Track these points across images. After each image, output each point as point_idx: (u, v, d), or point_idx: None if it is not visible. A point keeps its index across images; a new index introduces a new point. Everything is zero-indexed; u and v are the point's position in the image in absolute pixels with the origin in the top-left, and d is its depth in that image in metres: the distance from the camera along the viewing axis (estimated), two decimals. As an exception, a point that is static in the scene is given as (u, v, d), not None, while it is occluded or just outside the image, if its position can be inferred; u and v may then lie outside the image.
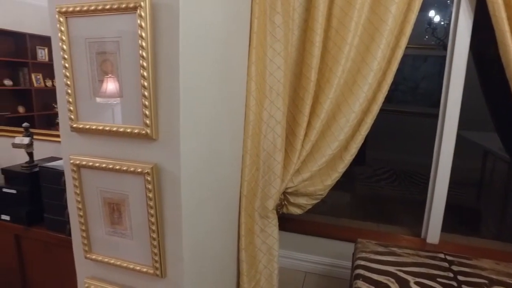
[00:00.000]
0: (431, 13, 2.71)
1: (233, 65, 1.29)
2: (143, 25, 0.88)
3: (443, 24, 2.70)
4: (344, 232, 1.82)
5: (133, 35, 0.90)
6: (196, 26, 0.97)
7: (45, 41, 2.69)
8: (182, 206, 1.01)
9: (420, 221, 1.71)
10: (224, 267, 1.45)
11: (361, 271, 1.24)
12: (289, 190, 1.56)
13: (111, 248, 1.11)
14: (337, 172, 1.50)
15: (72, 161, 1.06)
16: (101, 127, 1.00)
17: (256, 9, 1.37)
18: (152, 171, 0.97)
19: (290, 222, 1.85)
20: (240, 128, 1.45)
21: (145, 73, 0.91)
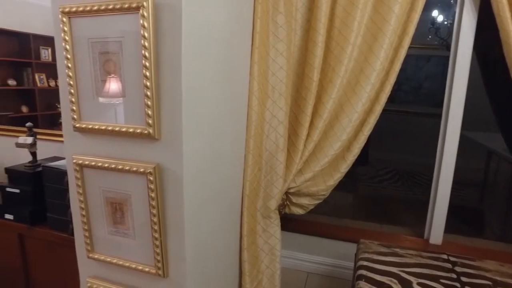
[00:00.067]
0: (435, 13, 2.70)
1: (236, 65, 1.29)
2: (146, 25, 0.88)
3: (447, 24, 2.69)
4: (347, 233, 1.81)
5: (135, 35, 0.90)
6: (198, 26, 0.98)
7: (49, 41, 2.70)
8: (185, 206, 1.01)
9: (423, 222, 1.71)
10: (226, 267, 1.45)
11: (364, 272, 1.24)
12: (292, 190, 1.56)
13: (114, 248, 1.12)
14: (340, 172, 1.50)
15: (75, 160, 1.06)
16: (104, 127, 1.00)
17: (258, 9, 1.37)
18: (155, 171, 0.97)
19: (293, 222, 1.85)
20: (243, 128, 1.45)
21: (148, 73, 0.91)
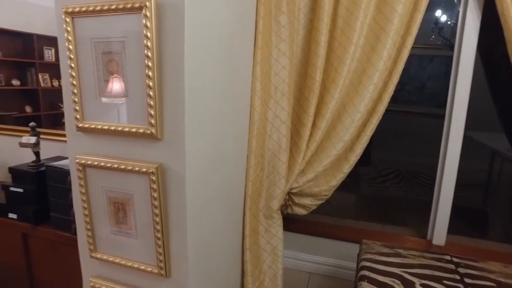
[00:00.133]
0: (438, 13, 2.68)
1: (238, 65, 1.29)
2: (149, 25, 0.88)
3: (450, 23, 2.67)
4: (349, 233, 1.81)
5: (138, 35, 0.91)
6: (201, 26, 0.98)
7: (52, 42, 2.72)
8: (187, 206, 1.01)
9: (426, 222, 1.70)
10: (228, 267, 1.45)
11: (366, 272, 1.23)
12: (294, 191, 1.55)
13: (116, 248, 1.12)
14: (342, 172, 1.49)
15: (77, 160, 1.07)
16: (107, 127, 1.00)
17: (261, 9, 1.37)
18: (157, 170, 0.97)
19: (295, 223, 1.84)
20: (245, 128, 1.45)
21: (150, 73, 0.91)
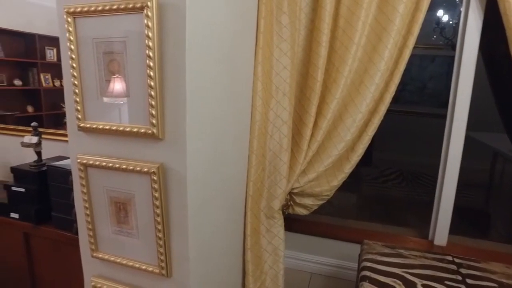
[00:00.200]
0: (440, 13, 2.68)
1: (239, 65, 1.29)
2: (150, 25, 0.88)
3: (452, 23, 2.67)
4: (350, 233, 1.80)
5: (139, 35, 0.91)
6: (202, 26, 0.98)
7: (54, 42, 2.72)
8: (188, 205, 1.01)
9: (427, 223, 1.69)
10: (229, 267, 1.45)
11: (367, 273, 1.23)
12: (295, 191, 1.55)
13: (117, 247, 1.12)
14: (344, 172, 1.49)
15: (79, 160, 1.07)
16: (108, 127, 1.01)
17: (262, 9, 1.37)
18: (158, 170, 0.97)
19: (296, 223, 1.84)
20: (246, 128, 1.45)
21: (152, 73, 0.91)
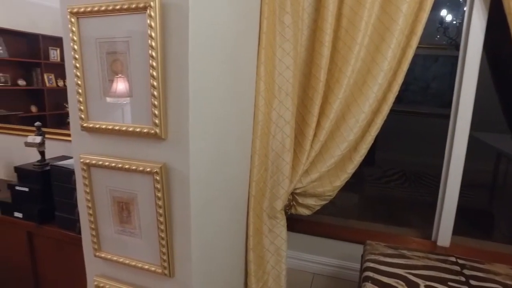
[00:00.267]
0: (443, 12, 2.66)
1: (242, 65, 1.29)
2: (153, 25, 0.88)
3: (456, 23, 2.65)
4: (353, 234, 1.80)
5: (142, 35, 0.91)
6: (205, 26, 0.98)
7: (58, 42, 2.74)
8: (191, 205, 1.01)
9: (430, 223, 1.69)
10: (232, 267, 1.45)
11: (370, 273, 1.23)
12: (298, 191, 1.55)
13: (120, 247, 1.12)
14: (346, 173, 1.49)
15: (82, 160, 1.07)
16: (111, 127, 1.01)
17: (265, 9, 1.37)
18: (161, 170, 0.98)
19: (299, 223, 1.84)
20: (249, 128, 1.45)
21: (155, 73, 0.91)
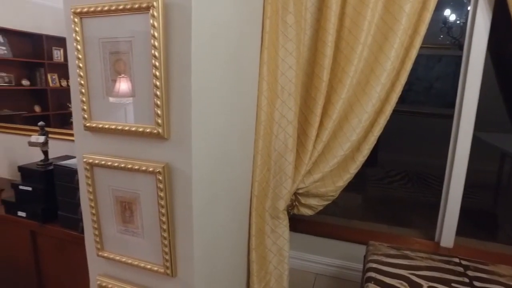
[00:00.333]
0: (447, 12, 2.65)
1: (245, 65, 1.29)
2: (156, 25, 0.89)
3: (459, 23, 2.64)
4: (356, 234, 1.79)
5: (145, 35, 0.91)
6: (208, 26, 0.98)
7: (61, 42, 2.75)
8: (193, 205, 1.01)
9: (433, 224, 1.68)
10: (234, 267, 1.45)
11: (373, 274, 1.22)
12: (300, 191, 1.55)
13: (123, 246, 1.13)
14: (349, 173, 1.48)
15: (85, 159, 1.08)
16: (114, 126, 1.01)
17: (268, 9, 1.37)
18: (164, 170, 0.98)
19: (301, 223, 1.84)
20: (252, 128, 1.45)
21: (158, 73, 0.91)
